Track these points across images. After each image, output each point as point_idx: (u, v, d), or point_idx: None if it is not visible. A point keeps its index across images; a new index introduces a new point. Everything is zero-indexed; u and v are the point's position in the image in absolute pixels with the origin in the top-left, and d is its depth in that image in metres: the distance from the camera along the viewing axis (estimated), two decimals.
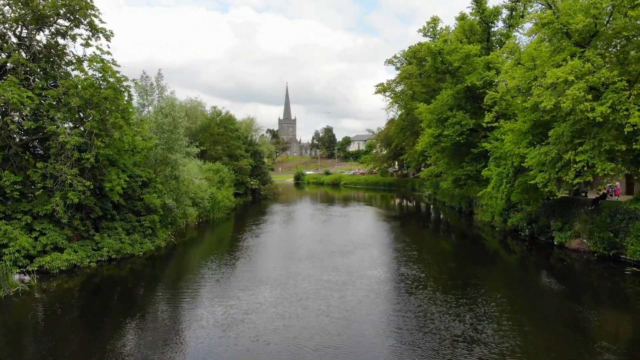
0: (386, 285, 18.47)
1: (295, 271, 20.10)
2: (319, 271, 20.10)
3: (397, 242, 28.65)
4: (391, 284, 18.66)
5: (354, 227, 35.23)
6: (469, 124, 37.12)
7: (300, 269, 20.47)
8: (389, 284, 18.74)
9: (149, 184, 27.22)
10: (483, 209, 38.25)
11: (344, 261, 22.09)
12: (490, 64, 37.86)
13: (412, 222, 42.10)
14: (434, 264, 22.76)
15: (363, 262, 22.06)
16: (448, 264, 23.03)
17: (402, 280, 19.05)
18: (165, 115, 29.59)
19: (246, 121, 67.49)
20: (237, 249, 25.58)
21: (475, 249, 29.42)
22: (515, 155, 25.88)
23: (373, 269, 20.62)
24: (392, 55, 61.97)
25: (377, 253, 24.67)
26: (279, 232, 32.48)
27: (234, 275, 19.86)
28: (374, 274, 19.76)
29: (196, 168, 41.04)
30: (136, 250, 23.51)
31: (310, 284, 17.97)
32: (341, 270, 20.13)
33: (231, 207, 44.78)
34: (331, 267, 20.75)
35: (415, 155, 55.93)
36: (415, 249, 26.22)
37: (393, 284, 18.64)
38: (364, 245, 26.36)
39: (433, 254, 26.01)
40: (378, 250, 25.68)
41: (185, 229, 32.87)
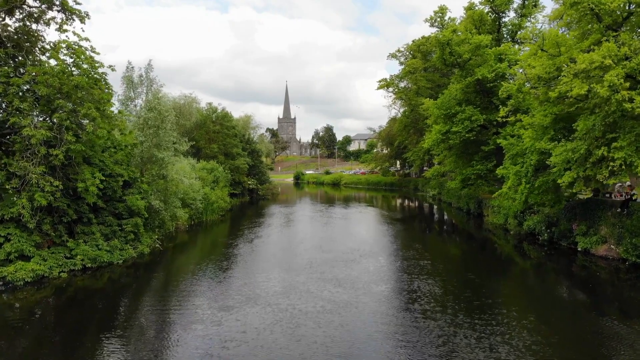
0: (397, 305, 15.67)
1: (292, 285, 17.55)
2: (318, 286, 17.51)
3: (404, 249, 26.14)
4: (403, 304, 15.78)
5: (357, 231, 32.71)
6: (479, 120, 34.72)
7: (298, 283, 17.92)
8: (400, 304, 15.90)
9: (133, 184, 24.80)
10: (494, 210, 35.85)
11: (347, 273, 19.53)
12: (502, 55, 35.45)
13: (418, 225, 39.65)
14: (449, 276, 20.20)
15: (369, 273, 19.52)
16: (465, 276, 20.49)
17: (416, 298, 16.27)
18: (150, 109, 27.17)
19: (243, 119, 64.95)
20: (228, 257, 23.07)
21: (491, 256, 27.01)
22: (535, 152, 23.45)
23: (381, 284, 18.02)
24: (396, 49, 59.52)
25: (383, 262, 22.12)
26: (275, 237, 29.93)
27: (220, 290, 17.28)
28: (382, 291, 17.15)
29: (189, 167, 38.66)
30: (115, 258, 21.07)
31: (307, 304, 15.34)
32: (344, 285, 17.56)
33: (226, 208, 42.36)
34: (333, 281, 18.16)
35: (420, 154, 53.53)
36: (426, 257, 23.68)
37: (405, 304, 15.75)
38: (368, 253, 23.88)
39: (446, 263, 23.52)
40: (385, 258, 23.13)
41: (175, 232, 30.42)
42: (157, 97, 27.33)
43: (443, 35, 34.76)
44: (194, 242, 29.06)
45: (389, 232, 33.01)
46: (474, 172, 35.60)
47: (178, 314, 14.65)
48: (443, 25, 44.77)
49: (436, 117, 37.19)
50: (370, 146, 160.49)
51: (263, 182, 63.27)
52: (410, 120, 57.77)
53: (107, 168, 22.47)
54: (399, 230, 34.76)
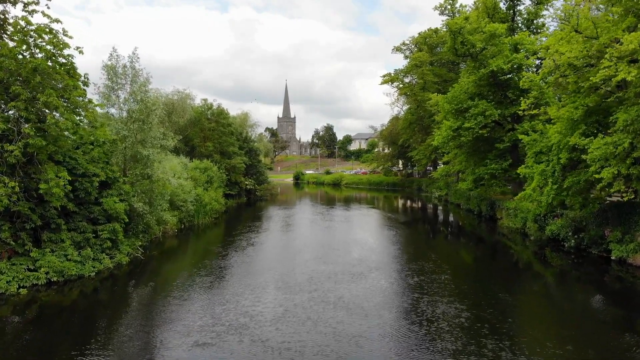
0: (419, 343, 11.96)
1: (287, 310, 14.43)
2: (319, 310, 14.30)
3: (416, 259, 23.09)
4: (425, 341, 12.10)
5: (361, 237, 29.82)
6: (493, 115, 32.04)
7: (294, 306, 14.75)
8: (422, 340, 12.17)
9: (112, 184, 22.11)
10: (509, 213, 33.16)
11: (354, 292, 16.41)
12: (518, 45, 32.77)
13: (426, 230, 36.90)
14: (469, 294, 17.07)
15: (380, 293, 16.45)
16: (487, 292, 17.59)
17: (442, 332, 12.81)
18: (134, 102, 24.48)
19: (240, 116, 62.07)
20: (216, 270, 20.09)
21: (511, 265, 24.29)
22: (565, 149, 20.77)
23: (395, 308, 14.79)
24: (401, 42, 56.67)
25: (394, 277, 19.11)
26: (272, 245, 26.97)
27: (199, 316, 14.02)
28: (399, 318, 13.94)
29: (180, 166, 36.01)
30: (86, 270, 18.34)
31: (305, 339, 12.06)
32: (351, 309, 14.42)
33: (221, 211, 39.64)
34: (337, 304, 14.97)
35: (427, 152, 50.84)
36: (441, 269, 20.65)
37: (428, 341, 12.11)
38: (376, 265, 20.99)
39: (463, 277, 20.64)
40: (395, 272, 20.18)
41: (162, 237, 27.73)
42: (142, 89, 24.61)
43: (454, 22, 32.06)
44: (181, 249, 26.20)
45: (396, 238, 30.26)
46: (487, 171, 32.91)
47: (135, 354, 11.71)
48: (454, 13, 42.06)
49: (446, 112, 34.52)
50: (371, 145, 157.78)
51: (261, 183, 60.58)
52: (415, 117, 54.99)
53: (80, 167, 19.77)
54: (406, 235, 32.04)
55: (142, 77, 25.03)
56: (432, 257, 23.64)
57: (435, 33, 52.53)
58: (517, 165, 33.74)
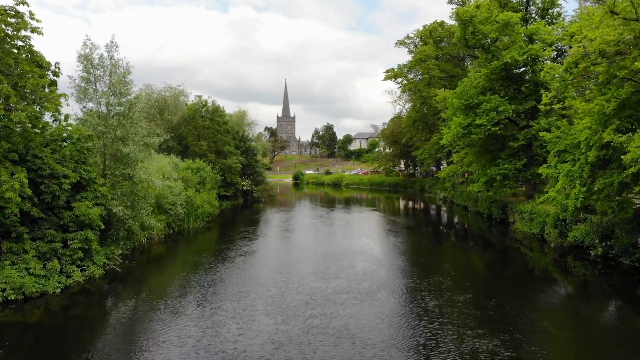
0: None
1: (278, 344, 11.71)
2: (317, 345, 11.56)
3: (430, 274, 19.50)
4: None
5: (366, 244, 27.04)
6: (507, 111, 29.67)
7: (286, 343, 11.82)
8: None
9: (87, 186, 19.76)
10: (523, 217, 30.81)
11: (360, 319, 13.61)
12: (533, 35, 30.42)
13: (435, 236, 34.27)
14: (503, 321, 14.62)
15: (391, 320, 13.67)
16: (521, 320, 15.26)
17: None
18: (114, 94, 22.12)
19: (237, 114, 59.76)
20: (199, 286, 17.33)
21: (533, 277, 21.89)
22: (595, 146, 18.41)
23: (409, 344, 11.89)
24: (405, 36, 54.10)
25: (407, 298, 16.17)
26: (266, 254, 24.11)
27: (172, 351, 11.49)
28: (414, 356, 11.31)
29: (170, 166, 33.65)
30: (50, 286, 15.96)
31: None
32: (359, 345, 11.65)
33: (215, 214, 37.25)
34: (340, 336, 12.16)
35: (432, 152, 48.46)
36: (460, 287, 17.55)
37: None
38: (384, 280, 18.12)
39: (486, 295, 17.97)
40: (408, 291, 17.12)
41: (147, 245, 25.37)
42: (122, 80, 22.24)
43: (465, 10, 29.67)
44: (165, 259, 23.61)
45: (403, 247, 27.66)
46: (500, 172, 30.53)
47: None
48: (464, 1, 39.67)
49: (455, 108, 32.15)
50: (372, 145, 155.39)
51: (258, 183, 58.15)
52: (420, 114, 52.57)
53: (46, 167, 17.42)
54: (413, 243, 29.50)
55: (122, 68, 22.64)
56: (444, 270, 21.22)
57: (441, 26, 50.13)
58: (532, 165, 31.49)
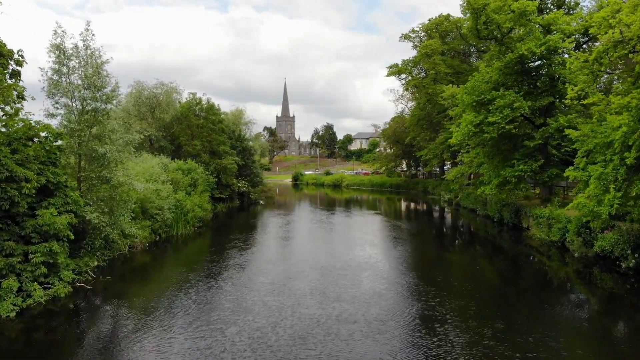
0: None
1: None
2: None
3: (447, 294, 16.63)
4: None
5: (371, 255, 23.66)
6: (523, 108, 27.32)
7: None
8: None
9: (56, 191, 17.43)
10: (540, 222, 28.44)
11: None
12: (552, 25, 28.08)
13: (445, 244, 31.39)
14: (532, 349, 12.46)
15: None
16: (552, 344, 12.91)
17: None
18: (90, 87, 19.76)
19: (234, 112, 57.36)
20: (171, 313, 14.34)
21: (555, 290, 19.52)
22: (635, 146, 16.08)
23: None
24: (410, 29, 51.49)
25: (424, 329, 13.29)
26: (258, 268, 20.80)
27: None
28: None
29: (159, 167, 31.33)
30: (4, 309, 13.59)
31: None
32: None
33: (207, 218, 34.85)
34: None
35: (437, 151, 46.10)
36: (485, 315, 14.96)
37: None
38: (395, 305, 15.30)
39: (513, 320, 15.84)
40: (426, 318, 14.13)
41: (129, 254, 23.01)
42: (97, 71, 19.89)
43: None
44: (143, 273, 20.98)
45: (411, 258, 24.60)
46: (514, 173, 28.17)
47: None
48: None
49: (465, 105, 29.80)
50: (372, 145, 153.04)
51: (256, 185, 55.81)
52: (425, 112, 50.17)
53: (3, 168, 15.08)
54: (422, 253, 26.54)
55: (98, 59, 20.29)
56: (459, 288, 18.62)
57: (447, 20, 47.78)
58: (549, 166, 29.17)
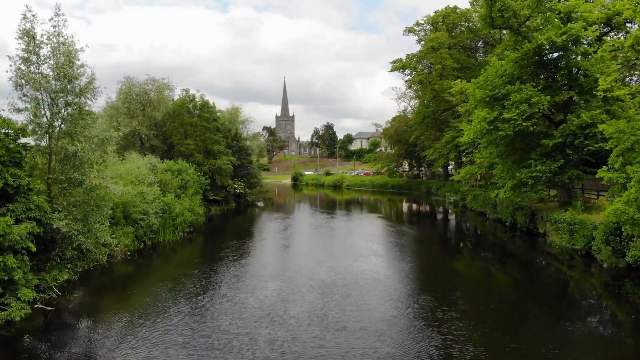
0: None
1: None
2: None
3: (470, 322, 14.08)
4: None
5: (376, 269, 20.38)
6: (541, 103, 25.03)
7: None
8: None
9: (16, 196, 15.14)
10: (559, 227, 26.16)
11: None
12: (572, 13, 25.79)
13: (458, 254, 28.37)
14: None
15: None
16: None
17: None
18: (61, 78, 17.45)
19: (230, 111, 54.99)
20: (142, 347, 11.85)
21: (582, 306, 17.25)
22: None
23: None
24: (414, 22, 48.93)
25: None
26: (249, 286, 17.52)
27: None
28: None
29: (146, 168, 29.04)
30: None
31: None
32: None
33: (199, 222, 32.44)
34: None
35: (444, 151, 43.78)
36: (512, 336, 13.15)
37: None
38: (410, 337, 12.73)
39: None
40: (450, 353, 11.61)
41: (107, 265, 20.67)
42: (69, 60, 17.58)
43: None
44: (117, 289, 18.20)
45: (423, 272, 21.37)
46: (532, 174, 25.86)
47: None
48: None
49: (478, 100, 27.52)
50: (373, 145, 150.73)
51: (253, 186, 53.41)
52: (430, 110, 47.78)
53: None
54: (435, 266, 23.12)
55: (71, 47, 17.97)
56: (483, 311, 16.32)
57: (454, 12, 45.44)
58: (568, 166, 26.89)
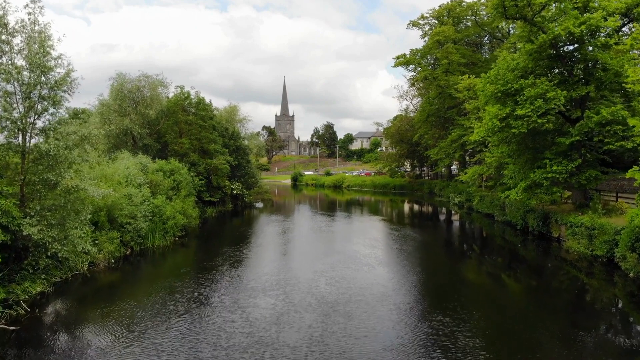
0: None
1: None
2: None
3: (491, 342, 12.74)
4: None
5: (383, 282, 18.60)
6: (558, 99, 23.32)
7: None
8: None
9: None
10: (575, 231, 24.46)
11: None
12: (591, 2, 24.08)
13: (468, 259, 26.67)
14: None
15: None
16: None
17: None
18: (33, 67, 15.75)
19: (227, 109, 53.12)
20: None
21: (608, 320, 15.56)
22: None
23: None
24: (419, 15, 46.94)
25: None
26: (239, 306, 15.01)
27: None
28: None
29: (135, 168, 27.35)
30: None
31: None
32: None
33: (192, 226, 30.64)
34: None
35: (449, 150, 42.04)
36: None
37: None
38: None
39: None
40: None
41: (88, 274, 18.93)
42: (43, 48, 15.87)
43: None
44: (93, 302, 16.13)
45: (432, 282, 19.41)
46: (547, 175, 24.15)
47: None
48: None
49: (488, 96, 25.80)
50: (374, 145, 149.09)
51: (251, 186, 51.65)
52: (435, 107, 45.98)
53: None
54: (445, 273, 21.17)
55: (44, 36, 16.25)
56: (503, 329, 14.65)
57: (460, 4, 43.68)
58: (585, 166, 25.19)
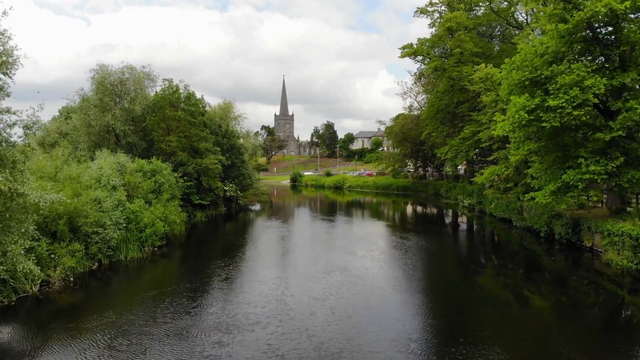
0: None
1: None
2: None
3: None
4: None
5: (398, 308, 15.46)
6: (597, 87, 19.99)
7: None
8: None
9: None
10: (615, 241, 21.13)
11: None
12: None
13: (489, 274, 23.20)
14: None
15: None
16: None
17: None
18: None
19: (221, 106, 49.65)
20: None
21: None
22: None
23: None
24: (427, 2, 43.19)
25: None
26: (225, 341, 11.82)
27: None
28: None
29: (111, 168, 24.03)
30: None
31: None
32: None
33: (177, 233, 27.21)
34: None
35: (462, 148, 38.71)
36: None
37: None
38: None
39: None
40: None
41: (40, 296, 15.60)
42: None
43: None
44: (32, 337, 12.55)
45: (452, 306, 16.75)
46: (582, 176, 20.81)
47: None
48: None
49: (513, 85, 22.46)
50: (375, 144, 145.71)
51: (246, 188, 48.29)
52: (444, 102, 42.58)
53: None
54: (465, 293, 18.00)
55: None
56: None
57: None
58: (628, 166, 21.84)
